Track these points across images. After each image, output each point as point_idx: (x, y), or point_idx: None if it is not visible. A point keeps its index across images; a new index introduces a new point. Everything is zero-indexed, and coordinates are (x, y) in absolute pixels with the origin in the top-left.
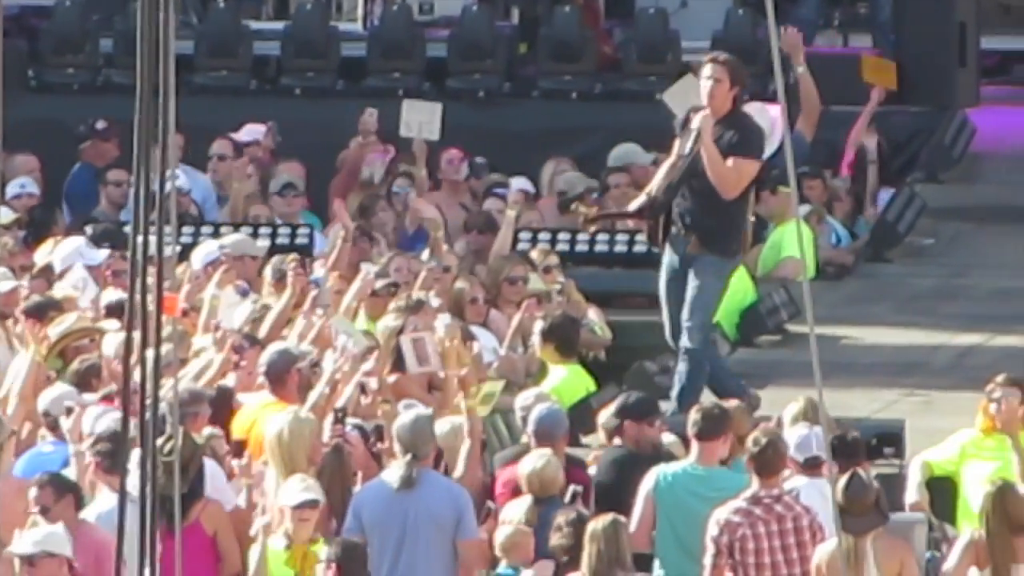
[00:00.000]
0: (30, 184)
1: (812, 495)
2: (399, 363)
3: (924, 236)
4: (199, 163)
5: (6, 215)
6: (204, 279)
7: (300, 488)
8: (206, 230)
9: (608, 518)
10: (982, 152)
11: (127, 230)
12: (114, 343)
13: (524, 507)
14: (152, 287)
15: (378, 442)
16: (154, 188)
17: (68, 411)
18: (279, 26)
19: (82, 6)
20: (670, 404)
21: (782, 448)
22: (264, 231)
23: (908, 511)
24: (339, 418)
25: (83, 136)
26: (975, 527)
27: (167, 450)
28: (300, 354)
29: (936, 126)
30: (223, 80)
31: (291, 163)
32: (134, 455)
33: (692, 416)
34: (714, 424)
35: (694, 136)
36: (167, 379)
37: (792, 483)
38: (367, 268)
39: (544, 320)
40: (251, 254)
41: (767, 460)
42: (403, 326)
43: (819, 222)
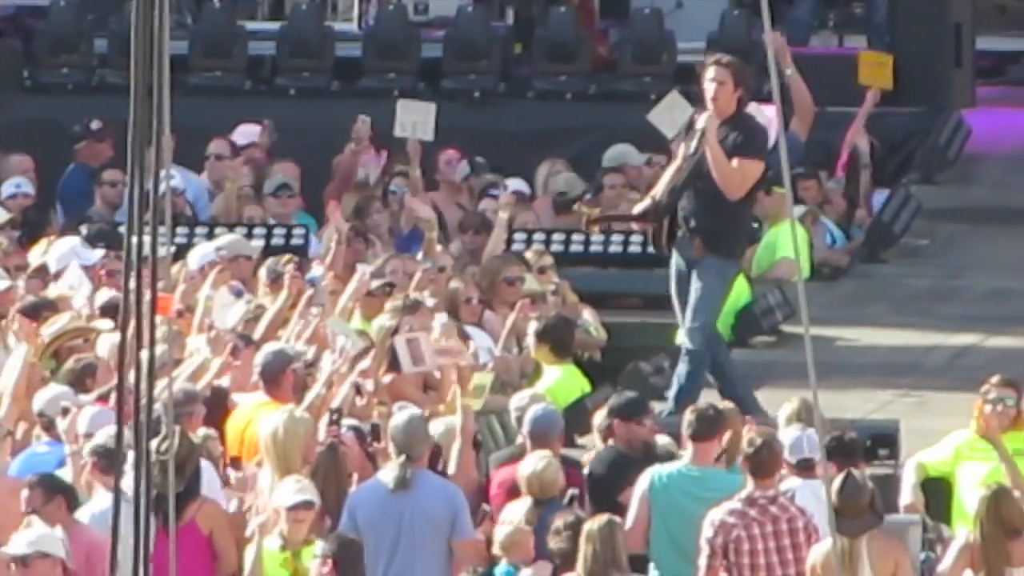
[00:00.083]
0: (25, 184)
1: (807, 496)
2: (394, 363)
3: (919, 237)
4: (193, 164)
5: (1, 215)
6: (200, 280)
7: (295, 489)
8: (200, 231)
9: (603, 519)
10: (977, 153)
11: (122, 230)
12: (108, 343)
13: (524, 509)
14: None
15: (375, 441)
16: (149, 188)
17: (64, 411)
18: (274, 26)
19: (77, 6)
20: (666, 404)
21: (777, 449)
22: (259, 232)
23: (903, 512)
24: (334, 419)
25: (78, 136)
26: (970, 528)
27: (163, 449)
28: (295, 354)
29: (931, 127)
30: (218, 80)
31: (286, 163)
32: (131, 456)
33: (687, 417)
34: (708, 425)
35: (698, 137)
36: (161, 379)
37: (787, 484)
38: (363, 269)
39: (539, 321)
40: (245, 255)
41: (762, 461)
42: (399, 326)
43: (814, 223)
